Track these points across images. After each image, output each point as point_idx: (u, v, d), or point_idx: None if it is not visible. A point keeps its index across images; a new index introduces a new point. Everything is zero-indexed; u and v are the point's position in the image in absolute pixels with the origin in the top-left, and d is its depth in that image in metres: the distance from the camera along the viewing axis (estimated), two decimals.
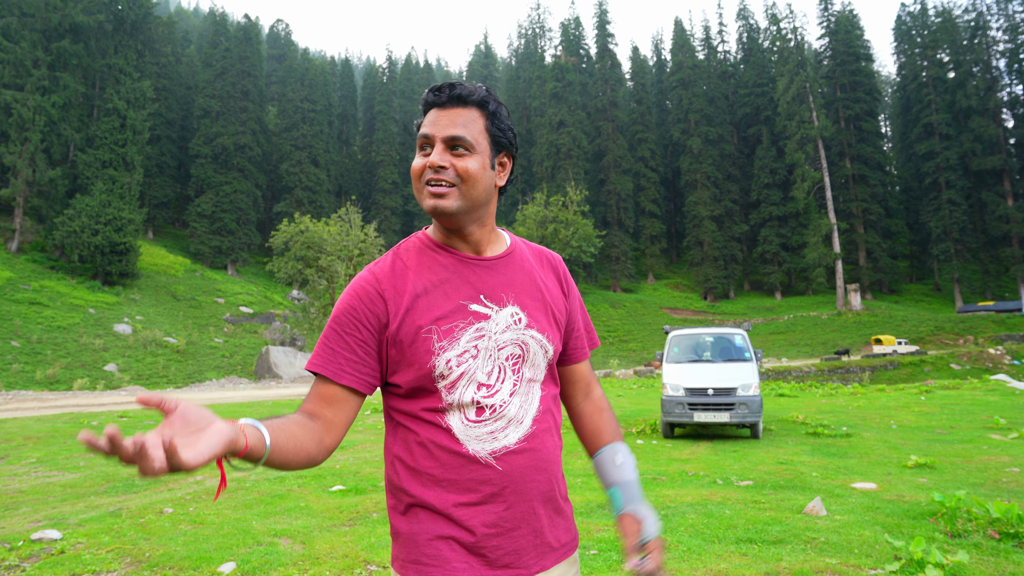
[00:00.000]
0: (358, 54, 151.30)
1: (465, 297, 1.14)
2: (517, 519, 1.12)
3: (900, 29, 64.30)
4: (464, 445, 1.10)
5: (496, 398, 1.12)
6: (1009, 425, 9.60)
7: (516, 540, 1.11)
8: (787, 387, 19.63)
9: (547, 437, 1.18)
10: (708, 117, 62.99)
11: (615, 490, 1.26)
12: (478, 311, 1.13)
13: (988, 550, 3.77)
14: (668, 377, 9.65)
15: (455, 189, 1.12)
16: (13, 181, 35.70)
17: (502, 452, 1.11)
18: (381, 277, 1.14)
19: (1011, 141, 55.25)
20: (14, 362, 25.00)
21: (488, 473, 1.10)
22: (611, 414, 1.38)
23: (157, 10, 57.61)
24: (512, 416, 1.14)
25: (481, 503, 1.09)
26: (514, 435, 1.13)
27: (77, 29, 39.54)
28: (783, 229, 58.64)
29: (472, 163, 1.13)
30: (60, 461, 7.40)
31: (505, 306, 1.16)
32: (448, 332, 1.10)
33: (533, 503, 1.14)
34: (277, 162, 59.22)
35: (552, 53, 74.45)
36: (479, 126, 1.15)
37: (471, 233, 1.19)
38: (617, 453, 1.30)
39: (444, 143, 1.13)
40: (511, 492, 1.11)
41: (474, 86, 1.17)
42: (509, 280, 1.20)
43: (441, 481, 1.09)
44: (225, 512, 5.05)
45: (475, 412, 1.11)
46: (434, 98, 1.15)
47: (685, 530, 4.44)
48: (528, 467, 1.13)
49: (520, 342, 1.16)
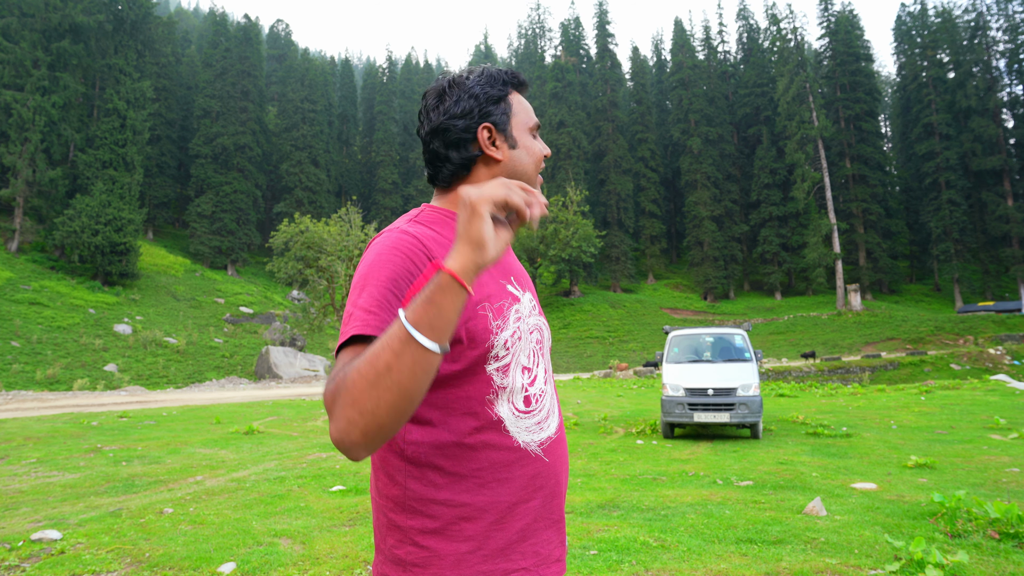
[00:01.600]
0: (358, 54, 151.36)
1: (502, 276, 1.09)
2: (560, 509, 1.08)
3: (900, 29, 64.30)
4: (515, 438, 1.02)
5: (536, 386, 1.07)
6: (1009, 425, 9.59)
7: (561, 530, 1.08)
8: (787, 387, 19.63)
9: (563, 424, 1.17)
10: (708, 117, 63.00)
11: None
12: (513, 292, 1.08)
13: (988, 550, 3.77)
14: (668, 377, 9.65)
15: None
16: (13, 181, 35.69)
17: (548, 443, 1.06)
18: (424, 239, 0.99)
19: (1011, 141, 55.22)
20: (14, 362, 24.99)
21: (538, 466, 1.03)
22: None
23: (157, 10, 57.59)
24: (549, 406, 1.10)
25: (531, 499, 1.02)
26: (553, 424, 1.09)
27: (77, 29, 39.53)
28: (783, 229, 58.64)
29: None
30: (60, 461, 7.40)
31: (525, 291, 1.13)
32: (499, 311, 1.02)
33: (564, 489, 1.11)
34: (277, 162, 59.22)
35: (552, 53, 74.44)
36: None
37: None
38: None
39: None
40: (557, 483, 1.06)
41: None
42: (519, 267, 1.18)
43: (490, 483, 0.98)
44: (225, 512, 5.05)
45: (523, 401, 1.04)
46: (525, 86, 1.15)
47: (685, 530, 4.44)
48: (563, 455, 1.10)
49: (539, 327, 1.13)
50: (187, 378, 28.73)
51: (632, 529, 4.47)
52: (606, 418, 12.37)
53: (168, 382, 27.45)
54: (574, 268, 53.71)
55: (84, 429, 10.23)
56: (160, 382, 27.26)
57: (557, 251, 49.29)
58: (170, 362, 29.93)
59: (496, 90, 1.10)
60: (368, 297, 0.91)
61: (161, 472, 6.80)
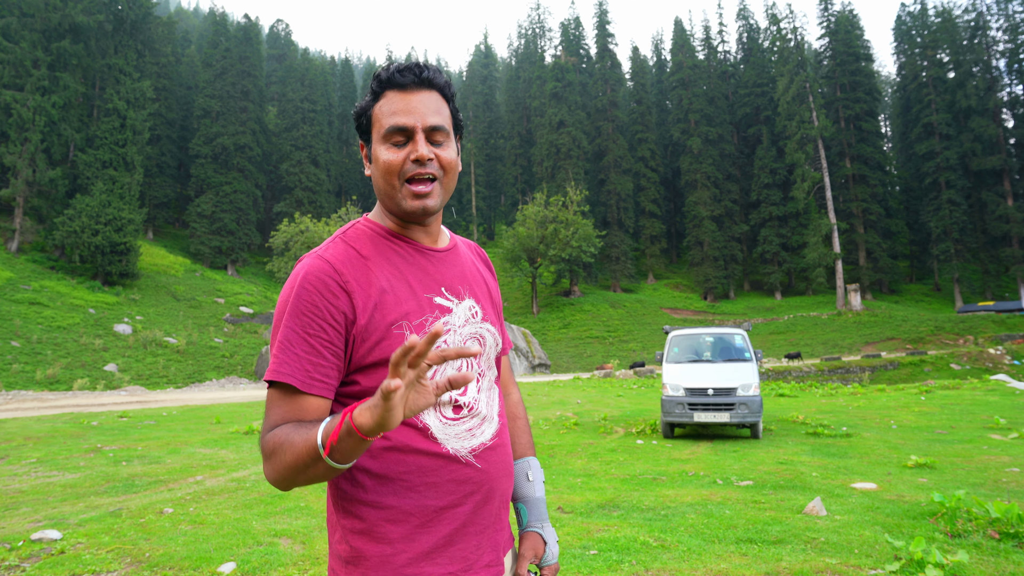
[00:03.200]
0: (358, 54, 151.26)
1: (429, 290, 1.07)
2: (493, 515, 1.08)
3: (900, 29, 64.30)
4: (443, 445, 1.03)
5: (468, 395, 1.08)
6: (1009, 425, 9.59)
7: (493, 536, 1.08)
8: (787, 387, 19.62)
9: (507, 431, 1.17)
10: (708, 117, 62.99)
11: (521, 506, 1.24)
12: (442, 304, 1.07)
13: (988, 550, 3.77)
14: (668, 377, 9.65)
15: (437, 184, 1.06)
16: (13, 181, 35.69)
17: (480, 449, 1.07)
18: (339, 267, 1.01)
19: (1011, 141, 55.21)
20: (14, 362, 24.99)
21: (468, 472, 1.04)
22: (526, 423, 1.34)
23: (157, 10, 57.61)
24: (485, 413, 1.10)
25: (460, 504, 1.03)
26: (489, 431, 1.09)
27: (77, 29, 39.53)
28: (783, 229, 58.63)
29: (451, 152, 1.07)
30: (60, 461, 7.40)
31: (463, 299, 1.11)
32: (419, 328, 1.02)
33: (505, 497, 1.12)
34: (277, 162, 59.22)
35: (552, 53, 74.43)
36: (446, 112, 1.07)
37: (432, 223, 1.12)
38: (530, 468, 1.27)
39: (424, 133, 1.04)
40: (489, 489, 1.07)
41: (436, 67, 1.07)
42: (462, 272, 1.15)
43: (417, 486, 1.01)
44: (225, 512, 5.05)
45: (452, 410, 1.05)
46: (402, 80, 1.04)
47: (685, 530, 4.44)
48: (501, 462, 1.10)
49: (479, 335, 1.13)
50: (187, 378, 28.73)
51: (632, 529, 4.47)
52: (606, 418, 12.37)
53: (168, 382, 27.45)
54: (574, 268, 53.70)
55: (84, 429, 10.23)
56: (160, 382, 27.25)
57: (557, 251, 49.28)
58: (170, 362, 29.93)
59: (366, 100, 1.09)
60: (280, 341, 1.01)
61: (161, 472, 6.80)
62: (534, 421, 12.10)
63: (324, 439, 0.85)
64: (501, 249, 53.21)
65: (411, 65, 1.05)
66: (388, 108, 1.04)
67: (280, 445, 0.92)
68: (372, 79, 1.07)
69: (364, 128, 1.09)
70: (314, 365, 0.98)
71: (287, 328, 1.00)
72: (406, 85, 1.04)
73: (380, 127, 1.05)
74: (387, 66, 1.06)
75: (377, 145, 1.06)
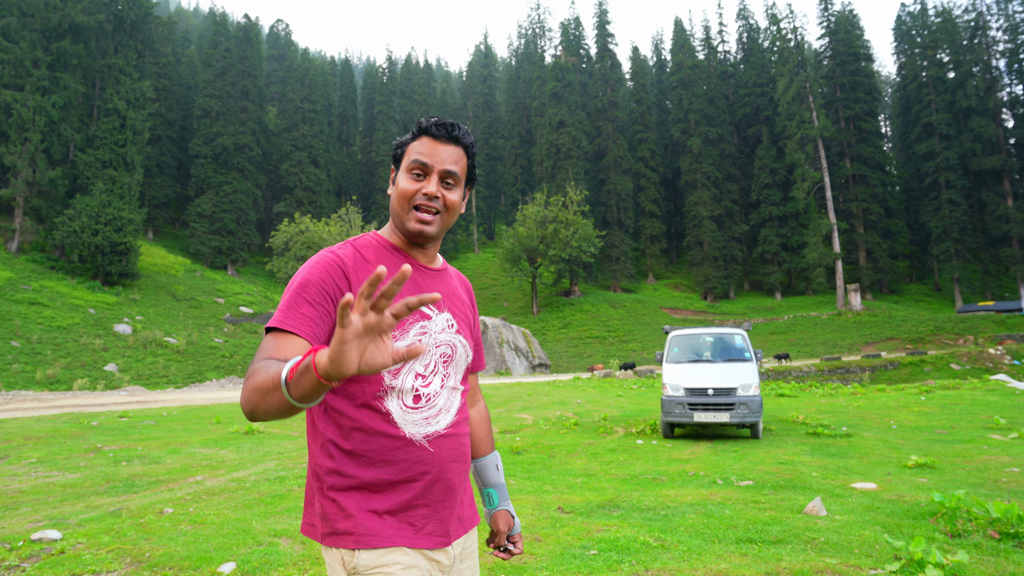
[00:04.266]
0: (358, 54, 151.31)
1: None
2: (442, 493, 1.28)
3: (900, 29, 64.29)
4: (402, 429, 1.24)
5: (430, 388, 1.29)
6: (1009, 425, 9.59)
7: (440, 511, 1.28)
8: (787, 387, 19.62)
9: (465, 426, 1.37)
10: (708, 117, 62.99)
11: (493, 490, 1.54)
12: (423, 311, 1.29)
13: (988, 550, 3.77)
14: (668, 377, 9.65)
15: (439, 217, 1.31)
16: (13, 181, 35.68)
17: (434, 436, 1.27)
18: (345, 260, 1.25)
19: (1011, 141, 55.21)
20: (14, 362, 24.98)
21: (421, 454, 1.25)
22: (490, 425, 1.61)
23: (157, 10, 57.60)
24: (442, 406, 1.31)
25: (413, 480, 1.24)
26: (444, 421, 1.30)
27: (77, 29, 39.52)
28: (783, 229, 58.63)
29: (456, 195, 1.33)
30: (60, 461, 7.40)
31: (443, 312, 1.35)
32: (400, 325, 1.24)
33: (455, 480, 1.31)
34: (277, 162, 59.22)
35: (552, 53, 74.45)
36: (463, 164, 1.34)
37: (429, 249, 1.38)
38: (497, 461, 1.58)
39: (439, 175, 1.30)
40: (440, 470, 1.27)
41: (466, 129, 1.34)
42: (446, 291, 1.39)
43: (377, 462, 1.22)
44: (225, 512, 5.05)
45: (412, 399, 1.26)
46: (436, 132, 1.30)
47: (685, 530, 4.44)
48: (453, 449, 1.31)
49: (451, 344, 1.35)
50: (187, 378, 28.73)
51: (632, 529, 4.47)
52: (606, 418, 12.37)
53: (168, 382, 27.44)
54: (574, 268, 53.69)
55: (84, 429, 10.23)
56: (160, 382, 27.25)
57: (557, 251, 49.27)
58: (170, 362, 29.93)
59: (405, 137, 1.36)
60: (285, 299, 1.20)
61: (161, 472, 6.80)
62: (534, 421, 12.12)
63: (287, 370, 0.97)
64: (501, 249, 53.21)
65: (447, 123, 1.31)
66: (418, 148, 1.31)
67: (257, 370, 1.05)
68: (415, 125, 1.34)
69: (397, 158, 1.36)
70: (308, 318, 1.17)
71: (292, 294, 1.20)
72: (439, 137, 1.31)
73: (408, 160, 1.31)
74: (429, 118, 1.33)
75: (401, 173, 1.33)
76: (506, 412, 13.93)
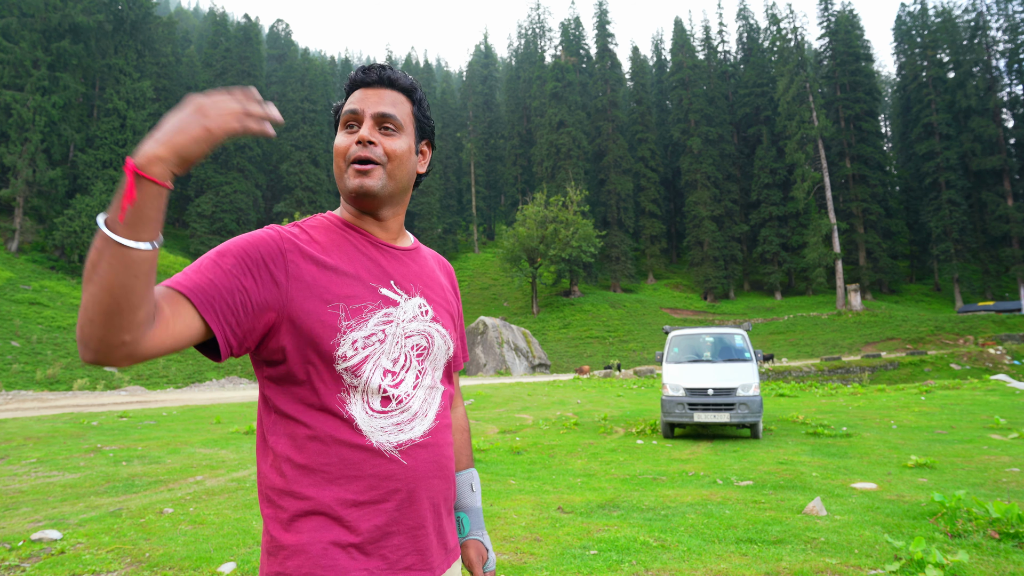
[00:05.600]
0: (358, 54, 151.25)
1: (375, 280, 1.07)
2: (421, 516, 1.05)
3: (900, 29, 64.31)
4: (368, 437, 1.01)
5: (401, 388, 1.06)
6: (1009, 425, 9.59)
7: (420, 539, 1.05)
8: (787, 387, 19.62)
9: (447, 433, 1.14)
10: (708, 117, 63.00)
11: (464, 515, 1.26)
12: (388, 296, 1.07)
13: (988, 550, 3.77)
14: (668, 377, 9.65)
15: (380, 168, 1.08)
16: (13, 181, 35.70)
17: (408, 445, 1.04)
18: (286, 238, 1.03)
19: (1011, 141, 55.23)
20: (14, 362, 24.99)
21: (392, 468, 1.02)
22: (468, 436, 1.35)
23: (157, 10, 57.59)
24: (417, 409, 1.08)
25: (383, 500, 1.01)
26: (419, 428, 1.07)
27: (77, 29, 39.54)
28: (783, 229, 58.65)
29: (400, 143, 1.10)
30: (60, 461, 7.40)
31: (413, 296, 1.12)
32: (357, 312, 1.02)
33: (437, 500, 1.08)
34: (277, 162, 59.27)
35: (552, 53, 74.44)
36: (407, 109, 1.13)
37: (386, 218, 1.14)
38: (473, 479, 1.30)
39: (373, 119, 1.09)
40: (415, 488, 1.04)
41: (404, 73, 1.15)
42: (417, 272, 1.16)
43: (338, 479, 0.99)
44: (225, 512, 5.05)
45: (380, 402, 1.03)
46: (363, 77, 1.11)
47: (685, 530, 4.44)
48: (432, 462, 1.07)
49: (426, 333, 1.12)
50: (187, 378, 28.74)
51: (632, 529, 4.47)
52: (606, 418, 12.37)
53: (168, 382, 27.45)
54: (574, 268, 53.70)
55: (84, 429, 10.23)
56: (160, 382, 27.25)
57: (557, 251, 49.28)
58: (170, 362, 29.93)
59: (340, 101, 1.16)
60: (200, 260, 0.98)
61: (161, 472, 6.80)
62: (534, 421, 12.11)
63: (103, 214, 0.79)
64: (501, 249, 53.21)
65: (375, 65, 1.12)
66: (350, 99, 1.12)
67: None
68: (347, 81, 1.14)
69: (335, 124, 1.15)
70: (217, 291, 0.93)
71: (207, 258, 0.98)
72: (370, 83, 1.11)
73: (343, 115, 1.12)
74: (358, 68, 1.13)
75: (339, 130, 1.12)
76: (506, 412, 13.93)
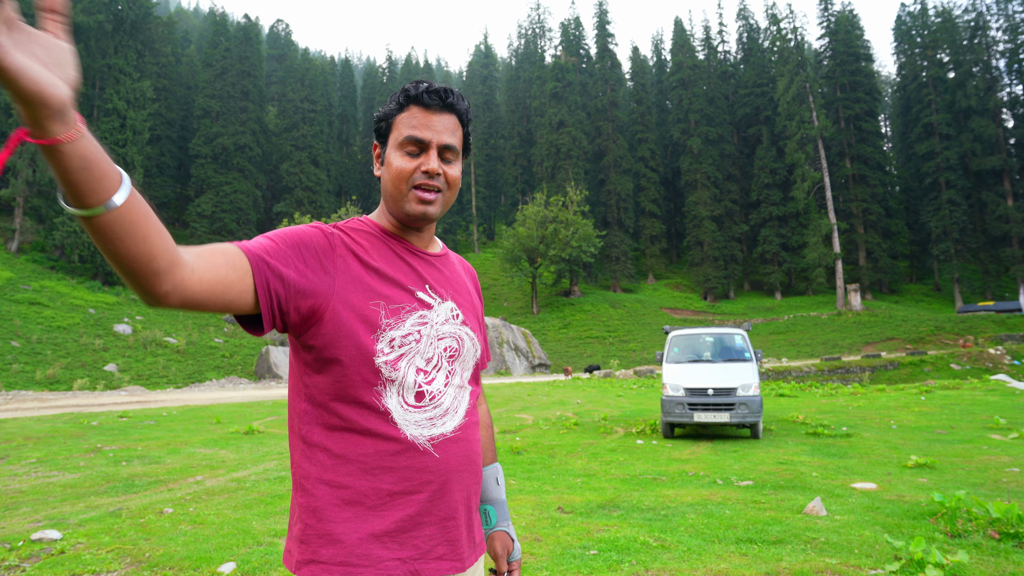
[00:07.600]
0: (358, 54, 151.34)
1: (413, 283, 1.13)
2: (452, 508, 1.10)
3: (900, 29, 64.32)
4: (402, 430, 1.06)
5: (434, 386, 1.11)
6: (1009, 425, 9.59)
7: (451, 530, 1.09)
8: (787, 387, 19.62)
9: (476, 430, 1.19)
10: (708, 117, 63.00)
11: (491, 507, 1.31)
12: (423, 299, 1.12)
13: (988, 550, 3.77)
14: (668, 377, 9.65)
15: (440, 196, 1.13)
16: (13, 181, 35.70)
17: (440, 439, 1.09)
18: (335, 234, 1.09)
19: (1011, 141, 55.25)
20: (14, 362, 24.98)
21: (425, 460, 1.07)
22: (493, 432, 1.40)
23: (157, 10, 57.61)
24: (448, 405, 1.13)
25: (416, 491, 1.06)
26: (451, 423, 1.12)
27: (77, 29, 39.57)
28: (783, 229, 58.65)
29: (457, 171, 1.16)
30: (60, 461, 7.40)
31: (446, 300, 1.16)
32: (395, 312, 1.07)
33: (467, 493, 1.14)
34: (277, 162, 59.25)
35: (552, 53, 74.45)
36: (459, 135, 1.16)
37: (427, 231, 1.20)
38: (499, 473, 1.36)
39: (438, 150, 1.13)
40: (446, 481, 1.09)
41: (459, 93, 1.17)
42: (448, 278, 1.21)
43: (373, 469, 1.04)
44: (225, 512, 5.05)
45: (415, 397, 1.08)
46: (428, 100, 1.12)
47: (685, 530, 4.44)
48: (462, 456, 1.12)
49: (457, 336, 1.17)
50: (187, 378, 28.72)
51: (632, 529, 4.47)
52: (606, 418, 12.37)
53: (168, 382, 27.44)
54: (574, 268, 53.71)
55: (84, 429, 10.23)
56: (160, 382, 27.24)
57: (557, 251, 49.29)
58: (170, 362, 29.93)
59: (389, 107, 1.17)
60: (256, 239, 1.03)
61: (161, 472, 6.80)
62: (534, 421, 12.12)
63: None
64: (501, 249, 53.22)
65: (439, 88, 1.13)
66: (409, 120, 1.13)
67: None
68: (400, 91, 1.15)
69: (382, 132, 1.17)
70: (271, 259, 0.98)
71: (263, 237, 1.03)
72: (431, 106, 1.13)
73: (398, 135, 1.13)
74: (417, 83, 1.14)
75: (392, 150, 1.14)
76: (506, 412, 13.93)
